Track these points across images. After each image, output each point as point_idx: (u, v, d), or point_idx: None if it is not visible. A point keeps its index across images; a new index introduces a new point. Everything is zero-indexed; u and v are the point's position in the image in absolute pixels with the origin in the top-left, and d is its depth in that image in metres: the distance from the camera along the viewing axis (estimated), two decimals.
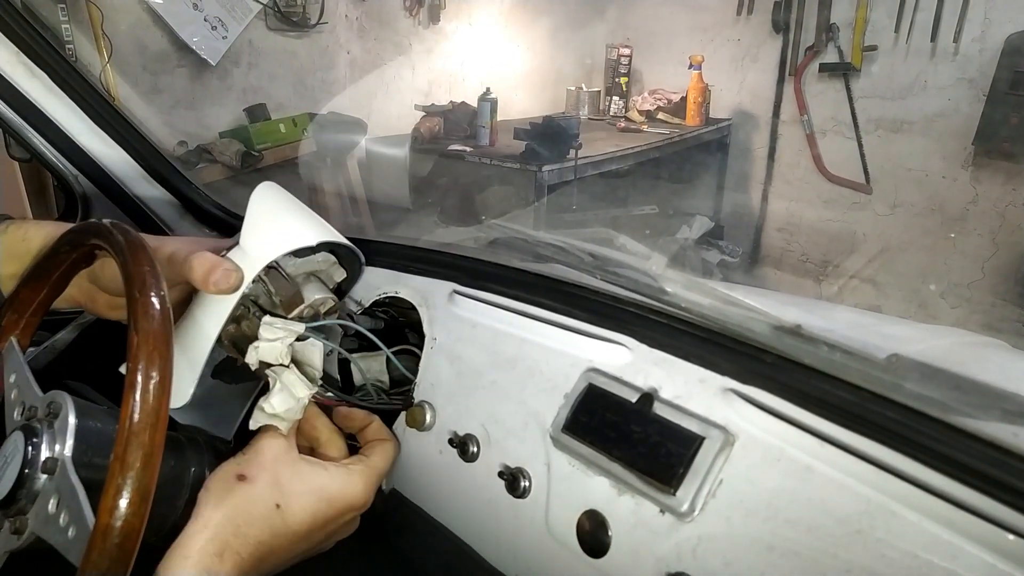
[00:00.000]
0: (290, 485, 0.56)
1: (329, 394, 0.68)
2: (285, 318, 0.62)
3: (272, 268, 0.62)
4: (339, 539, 0.63)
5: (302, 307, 0.64)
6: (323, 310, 0.66)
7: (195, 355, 0.59)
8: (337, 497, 0.58)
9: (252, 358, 0.59)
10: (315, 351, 0.63)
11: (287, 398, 0.58)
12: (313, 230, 0.64)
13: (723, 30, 3.30)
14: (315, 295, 0.65)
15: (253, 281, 0.60)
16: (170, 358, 0.45)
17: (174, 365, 0.56)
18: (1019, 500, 0.37)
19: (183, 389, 0.59)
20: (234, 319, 0.62)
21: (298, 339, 0.61)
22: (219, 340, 0.60)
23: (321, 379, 0.63)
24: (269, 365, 0.60)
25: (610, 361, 0.57)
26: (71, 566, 0.42)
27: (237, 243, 0.61)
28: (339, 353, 0.72)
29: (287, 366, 0.60)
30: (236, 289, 0.58)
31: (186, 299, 0.64)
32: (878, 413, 0.44)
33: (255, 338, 0.60)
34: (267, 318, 0.61)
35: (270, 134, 2.43)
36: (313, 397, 0.60)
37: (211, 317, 0.59)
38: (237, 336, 0.63)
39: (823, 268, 3.17)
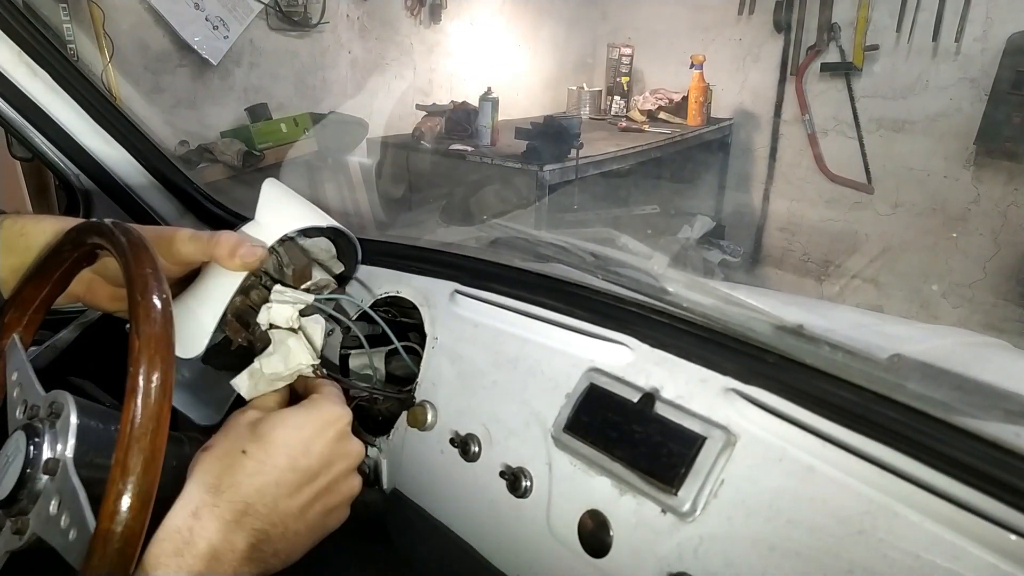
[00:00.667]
0: (253, 431, 0.55)
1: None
2: (295, 289, 0.65)
3: (286, 240, 0.66)
4: (349, 490, 0.59)
5: (310, 282, 0.67)
6: (326, 292, 0.68)
7: (211, 308, 0.62)
8: (306, 421, 0.56)
9: (264, 318, 0.61)
10: (317, 328, 0.64)
11: (279, 362, 0.60)
12: (322, 216, 0.69)
13: (724, 30, 3.30)
14: (320, 275, 0.69)
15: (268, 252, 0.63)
16: (171, 362, 0.45)
17: (192, 314, 0.59)
18: (1021, 500, 0.37)
19: (198, 340, 0.61)
20: (243, 290, 0.64)
21: (303, 314, 0.63)
22: (223, 316, 0.62)
23: (320, 359, 0.64)
24: (277, 328, 0.62)
25: (612, 361, 0.57)
26: (71, 568, 0.42)
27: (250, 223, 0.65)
28: (338, 348, 0.73)
29: (296, 331, 0.62)
30: (257, 264, 0.61)
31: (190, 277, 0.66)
32: (880, 413, 0.43)
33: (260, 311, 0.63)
34: (278, 287, 0.64)
35: (271, 134, 2.43)
36: (314, 371, 0.62)
37: (228, 276, 0.62)
38: (243, 308, 0.65)
39: (825, 268, 3.17)
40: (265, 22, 2.55)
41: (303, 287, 0.66)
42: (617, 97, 3.43)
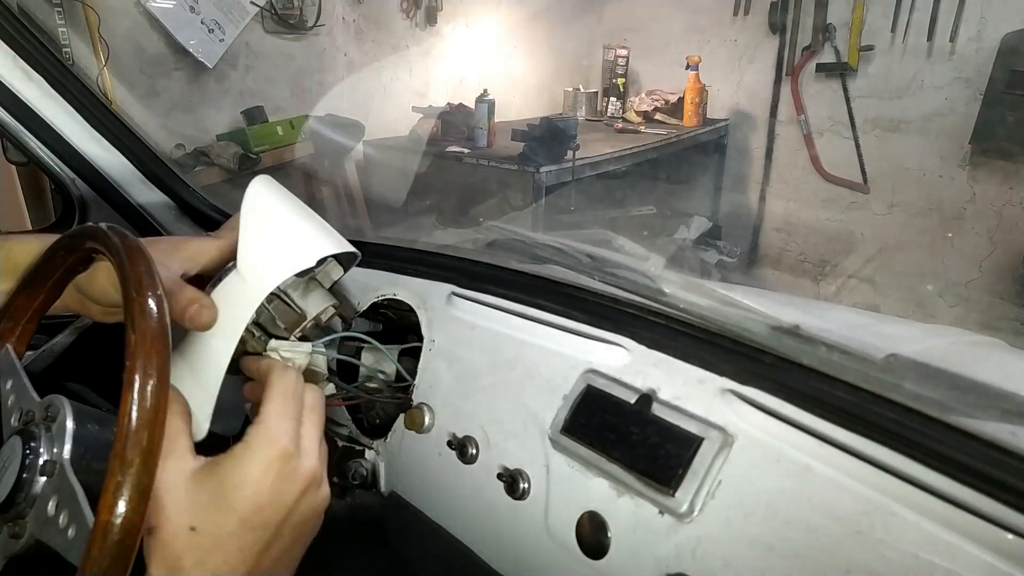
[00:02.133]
0: (195, 496, 0.50)
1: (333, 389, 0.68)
2: (287, 339, 0.62)
3: (273, 295, 0.61)
4: (314, 508, 0.55)
5: (305, 323, 0.63)
6: (324, 318, 0.66)
7: (208, 387, 0.57)
8: (248, 468, 0.51)
9: None
10: (320, 359, 0.63)
11: None
12: (312, 244, 0.62)
13: (720, 31, 3.31)
14: (316, 308, 0.64)
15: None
16: (168, 357, 0.45)
17: (189, 399, 0.54)
18: (1018, 499, 0.37)
19: (200, 424, 0.56)
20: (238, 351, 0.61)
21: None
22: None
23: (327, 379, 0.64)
24: None
25: (609, 362, 0.57)
26: (70, 570, 0.42)
27: (234, 265, 0.58)
28: (339, 355, 0.72)
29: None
30: (210, 325, 0.57)
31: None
32: (877, 413, 0.44)
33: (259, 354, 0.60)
34: (272, 343, 0.61)
35: (267, 136, 2.43)
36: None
37: (220, 347, 0.58)
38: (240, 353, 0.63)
39: (821, 268, 3.18)
40: (261, 25, 2.55)
41: (298, 332, 0.62)
42: (613, 98, 3.44)
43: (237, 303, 0.57)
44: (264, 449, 0.52)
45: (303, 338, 0.64)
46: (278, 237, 0.60)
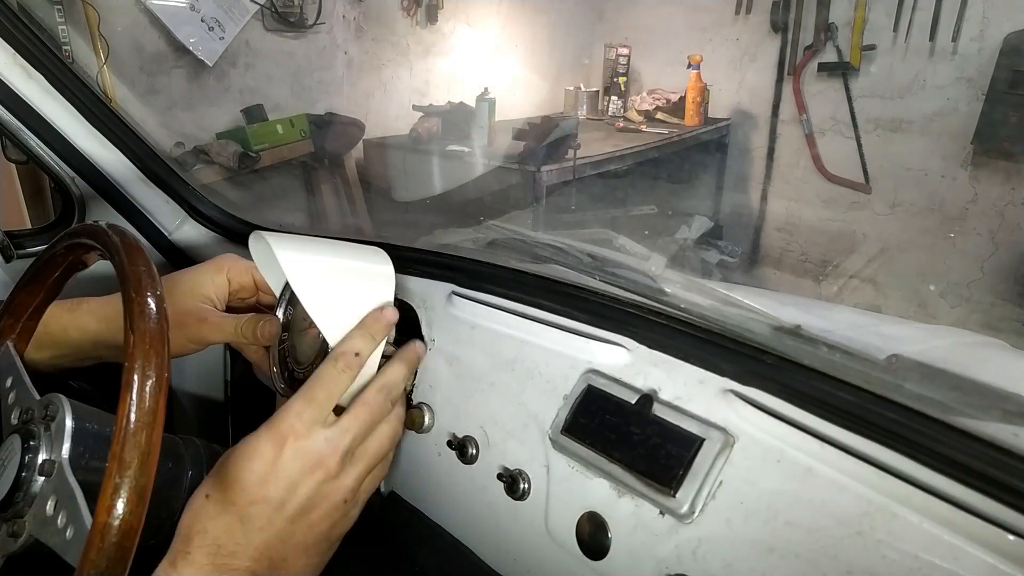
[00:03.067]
0: (216, 472, 0.54)
1: None
2: None
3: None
4: (332, 496, 0.55)
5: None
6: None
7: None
8: (256, 447, 0.53)
9: None
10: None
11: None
12: (379, 293, 0.63)
13: (722, 30, 3.30)
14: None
15: None
16: (166, 357, 0.45)
17: None
18: (1019, 501, 0.37)
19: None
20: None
21: None
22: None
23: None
24: None
25: (609, 362, 0.56)
26: (69, 570, 0.42)
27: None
28: None
29: None
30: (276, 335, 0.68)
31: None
32: (878, 414, 0.43)
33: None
34: None
35: (267, 135, 2.42)
36: None
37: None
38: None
39: (822, 268, 3.18)
40: (261, 23, 2.55)
41: None
42: (614, 97, 3.44)
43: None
44: (275, 425, 0.54)
45: None
46: (351, 306, 0.60)
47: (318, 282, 0.59)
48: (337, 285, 0.61)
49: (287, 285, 0.68)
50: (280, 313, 0.69)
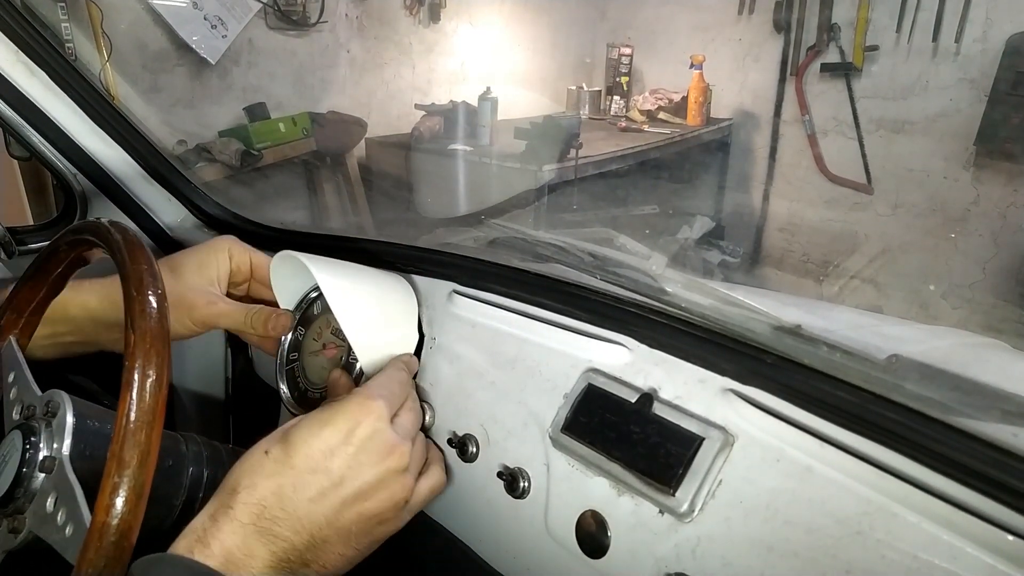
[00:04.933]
0: (283, 434, 0.52)
1: None
2: None
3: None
4: (392, 494, 0.54)
5: None
6: None
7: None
8: (331, 418, 0.52)
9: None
10: None
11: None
12: (408, 325, 0.68)
13: (724, 29, 3.30)
14: None
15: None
16: (167, 356, 0.45)
17: None
18: (1019, 501, 0.37)
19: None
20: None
21: None
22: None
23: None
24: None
25: (610, 361, 0.56)
26: (69, 565, 0.42)
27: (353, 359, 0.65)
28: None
29: None
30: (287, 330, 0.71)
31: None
32: (878, 414, 0.43)
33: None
34: None
35: (269, 133, 2.42)
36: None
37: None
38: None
39: (824, 268, 3.17)
40: (264, 21, 2.55)
41: None
42: (616, 97, 3.43)
43: None
44: (357, 409, 0.53)
45: None
46: (382, 334, 0.66)
47: (356, 308, 0.63)
48: (372, 311, 0.65)
49: (298, 305, 0.72)
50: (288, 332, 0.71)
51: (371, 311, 0.65)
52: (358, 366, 0.64)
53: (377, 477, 0.52)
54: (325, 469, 0.50)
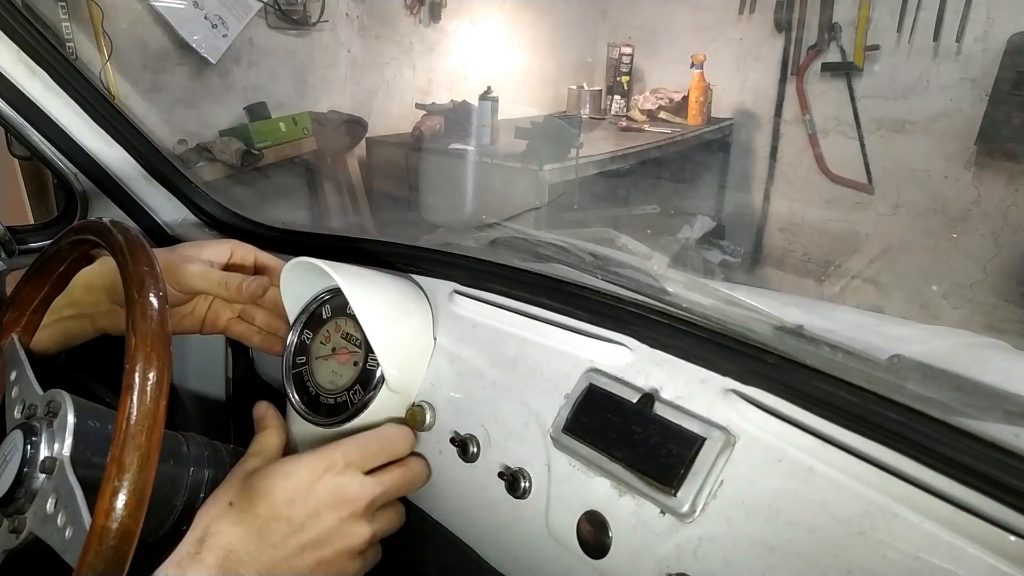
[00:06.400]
0: (244, 482, 0.56)
1: None
2: None
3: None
4: (346, 541, 0.57)
5: None
6: None
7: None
8: (294, 469, 0.56)
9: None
10: None
11: None
12: (425, 342, 0.69)
13: (725, 29, 3.30)
14: None
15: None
16: (168, 359, 0.45)
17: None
18: (1020, 501, 0.37)
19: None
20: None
21: None
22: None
23: None
24: None
25: (611, 361, 0.56)
26: (69, 568, 0.42)
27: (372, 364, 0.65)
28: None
29: None
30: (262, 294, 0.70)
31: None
32: (880, 414, 0.43)
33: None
34: None
35: (270, 132, 2.42)
36: None
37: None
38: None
39: (825, 268, 3.17)
40: (264, 20, 2.54)
41: None
42: (617, 96, 3.43)
43: (390, 411, 0.66)
44: (320, 455, 0.57)
45: None
46: (407, 353, 0.67)
47: (380, 316, 0.65)
48: (393, 317, 0.66)
49: (304, 309, 0.72)
50: (294, 335, 0.71)
51: (392, 317, 0.66)
52: (378, 372, 0.64)
53: (332, 525, 0.56)
54: (287, 517, 0.54)
